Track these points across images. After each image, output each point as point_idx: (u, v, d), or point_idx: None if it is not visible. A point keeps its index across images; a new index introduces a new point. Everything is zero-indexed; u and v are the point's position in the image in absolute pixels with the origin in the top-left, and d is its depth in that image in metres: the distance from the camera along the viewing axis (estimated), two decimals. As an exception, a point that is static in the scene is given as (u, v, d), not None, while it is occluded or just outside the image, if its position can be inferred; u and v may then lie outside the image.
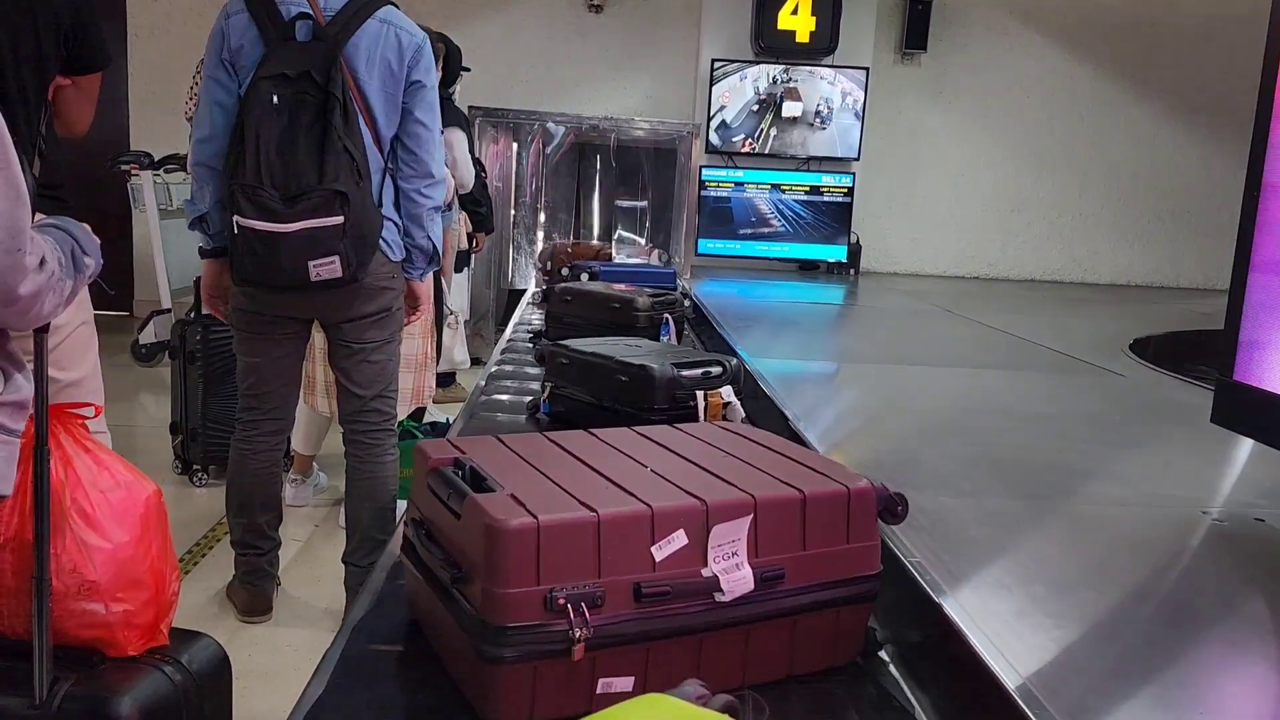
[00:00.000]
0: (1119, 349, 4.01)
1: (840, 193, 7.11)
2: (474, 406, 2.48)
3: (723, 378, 2.14)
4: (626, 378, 2.07)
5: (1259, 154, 1.68)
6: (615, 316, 2.95)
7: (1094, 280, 7.63)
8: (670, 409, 2.03)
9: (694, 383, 2.09)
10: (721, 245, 7.11)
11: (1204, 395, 3.07)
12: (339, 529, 3.50)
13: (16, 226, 1.01)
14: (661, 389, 2.04)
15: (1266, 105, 1.70)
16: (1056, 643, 1.29)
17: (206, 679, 1.59)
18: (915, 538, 1.58)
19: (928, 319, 5.02)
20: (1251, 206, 1.74)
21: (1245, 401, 1.74)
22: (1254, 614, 1.45)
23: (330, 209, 2.29)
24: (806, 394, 2.86)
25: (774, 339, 4.01)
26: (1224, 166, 7.42)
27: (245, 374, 2.72)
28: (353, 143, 2.34)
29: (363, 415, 2.68)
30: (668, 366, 2.06)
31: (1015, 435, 2.48)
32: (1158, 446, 2.55)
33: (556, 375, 2.27)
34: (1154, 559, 1.65)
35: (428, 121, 2.53)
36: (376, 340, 2.63)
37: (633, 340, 2.42)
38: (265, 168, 2.30)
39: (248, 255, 2.38)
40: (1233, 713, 1.18)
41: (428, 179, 2.54)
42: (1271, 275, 1.71)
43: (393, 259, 2.56)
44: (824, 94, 7.12)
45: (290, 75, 2.33)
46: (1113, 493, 2.02)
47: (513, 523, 1.03)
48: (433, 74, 2.56)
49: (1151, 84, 7.50)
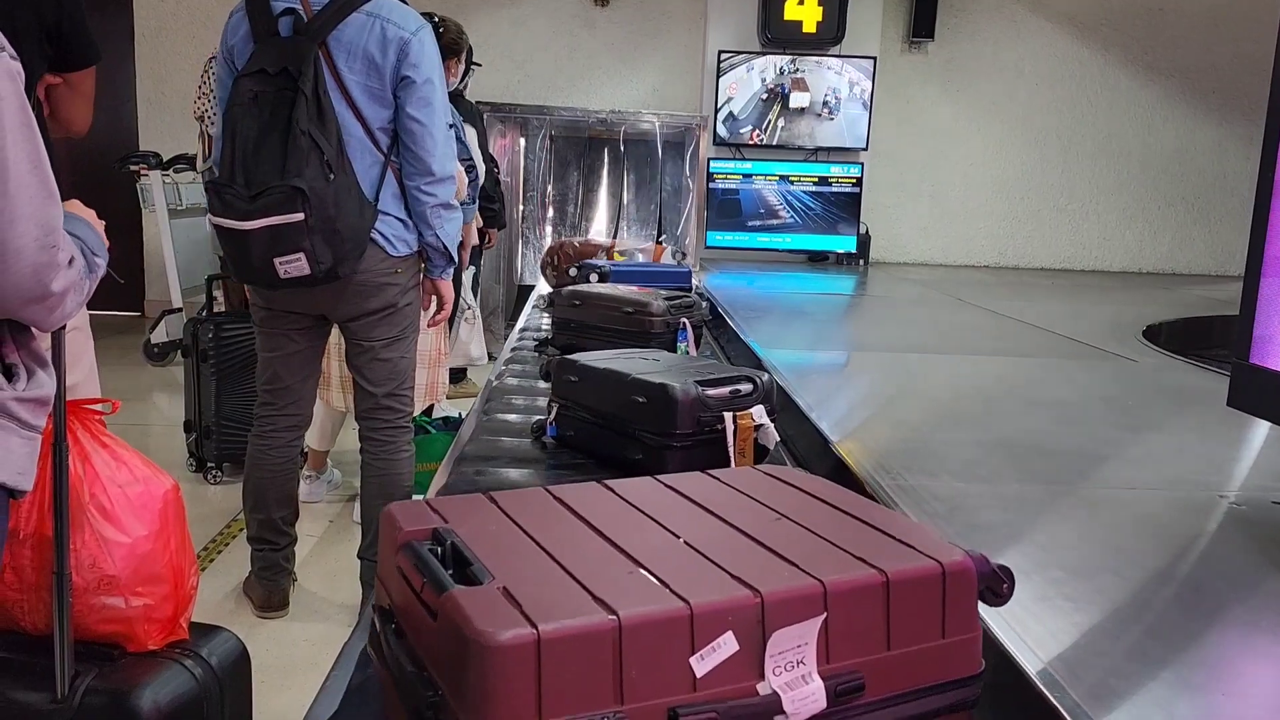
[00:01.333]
0: (1132, 335, 3.99)
1: (849, 183, 7.09)
2: (477, 429, 2.31)
3: (753, 396, 1.89)
4: (644, 398, 1.83)
5: (1274, 131, 1.67)
6: (628, 322, 2.78)
7: (1105, 267, 7.60)
8: (694, 433, 1.80)
9: (721, 403, 1.83)
10: (730, 237, 7.10)
11: (1218, 380, 3.07)
12: (354, 525, 3.51)
13: (50, 224, 1.01)
14: (685, 412, 1.79)
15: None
16: (1076, 626, 1.29)
17: (227, 673, 1.59)
18: (932, 524, 1.58)
19: (939, 308, 5.00)
20: (1266, 190, 1.72)
21: (1262, 385, 1.73)
22: (1273, 595, 1.44)
23: (290, 205, 2.26)
24: (819, 383, 2.85)
25: (785, 329, 4.00)
26: (1235, 151, 7.37)
27: (263, 369, 2.73)
28: (324, 137, 2.32)
29: (376, 412, 2.68)
30: (691, 385, 1.81)
31: (1030, 421, 2.47)
32: (1173, 431, 2.54)
33: (565, 393, 2.05)
34: (1172, 543, 1.64)
35: (421, 117, 2.49)
36: (385, 337, 2.63)
37: (649, 353, 2.20)
38: (240, 165, 2.31)
39: (227, 254, 2.44)
40: (1254, 693, 1.17)
41: (428, 176, 2.51)
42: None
43: (392, 254, 2.54)
44: (831, 84, 7.09)
45: (270, 71, 2.33)
46: (1129, 477, 2.02)
47: (504, 636, 0.78)
48: (426, 68, 2.49)
49: (1160, 69, 7.45)
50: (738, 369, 2.02)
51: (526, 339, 3.41)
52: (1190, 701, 1.13)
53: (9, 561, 1.47)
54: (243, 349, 3.90)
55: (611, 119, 7.27)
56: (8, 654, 1.49)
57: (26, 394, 1.10)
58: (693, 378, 1.86)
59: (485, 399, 2.61)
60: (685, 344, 2.77)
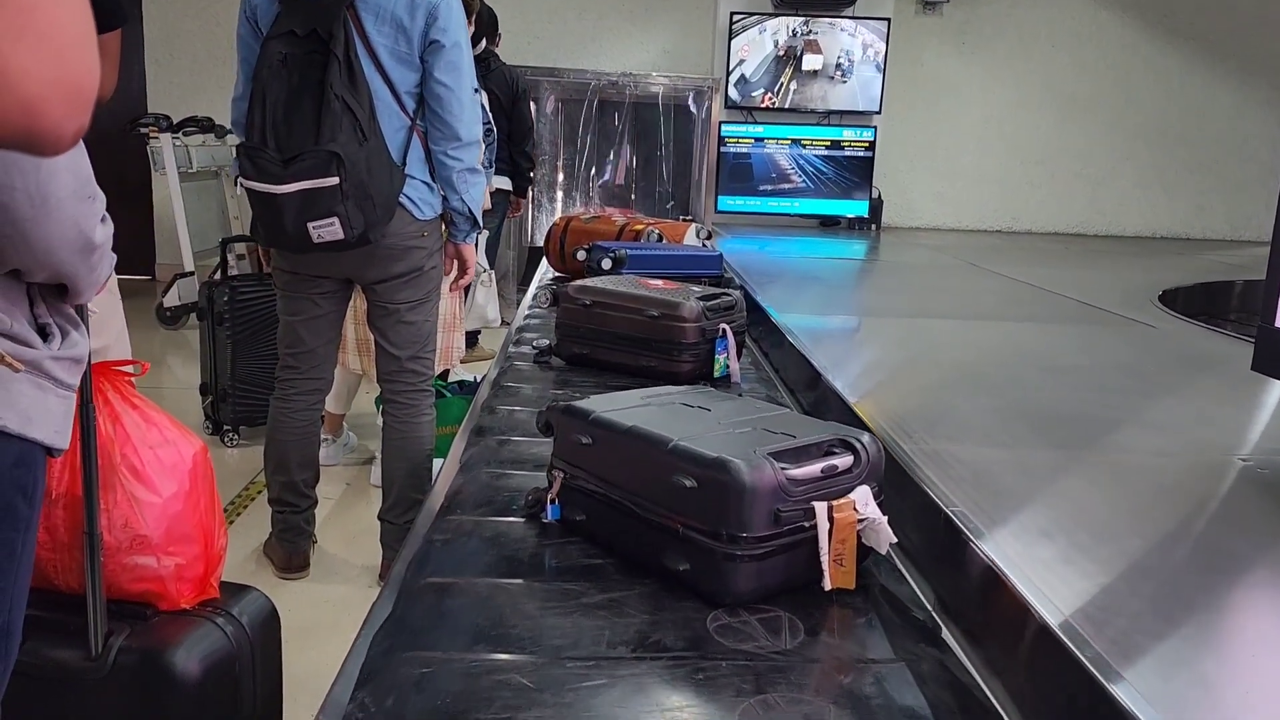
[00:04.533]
0: (1148, 300, 3.98)
1: (861, 147, 7.05)
2: (463, 482, 1.71)
3: (855, 473, 1.29)
4: (693, 480, 1.21)
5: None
6: (652, 330, 2.24)
7: (1119, 232, 7.56)
8: (771, 535, 1.20)
9: (809, 487, 1.23)
10: (742, 202, 7.07)
11: (1235, 345, 3.07)
12: (371, 487, 3.55)
13: (85, 173, 1.02)
14: (757, 504, 1.18)
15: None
16: (1098, 585, 1.29)
17: (257, 631, 1.62)
18: (955, 488, 1.59)
19: (953, 273, 4.98)
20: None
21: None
22: (1297, 557, 1.45)
23: (325, 170, 2.27)
24: (834, 347, 2.85)
25: (798, 294, 4.00)
26: (1254, 115, 7.30)
27: (285, 332, 2.75)
28: (357, 101, 2.31)
29: (400, 375, 2.70)
30: (764, 461, 1.20)
31: (1049, 387, 2.47)
32: (1192, 396, 2.53)
33: (572, 458, 1.42)
34: (1195, 505, 1.65)
35: (449, 81, 2.49)
36: (410, 300, 2.65)
37: (691, 393, 1.55)
38: (270, 129, 2.31)
39: (257, 217, 2.44)
40: (1277, 650, 1.18)
41: (454, 141, 2.52)
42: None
43: (419, 218, 2.56)
44: (845, 46, 7.03)
45: (299, 33, 2.32)
46: (1150, 442, 2.02)
47: None
48: (454, 33, 2.49)
49: (1180, 32, 7.36)
50: (825, 427, 1.39)
51: (524, 344, 2.64)
52: (1214, 657, 1.14)
53: (42, 521, 1.49)
54: (258, 312, 3.91)
55: (622, 81, 7.22)
56: (42, 612, 1.51)
57: (62, 353, 1.11)
58: (763, 445, 1.25)
59: (474, 430, 2.00)
60: (724, 355, 2.30)
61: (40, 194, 0.94)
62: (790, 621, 1.18)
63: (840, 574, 1.24)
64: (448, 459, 1.83)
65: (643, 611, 1.18)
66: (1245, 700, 1.03)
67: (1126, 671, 1.03)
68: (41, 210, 0.94)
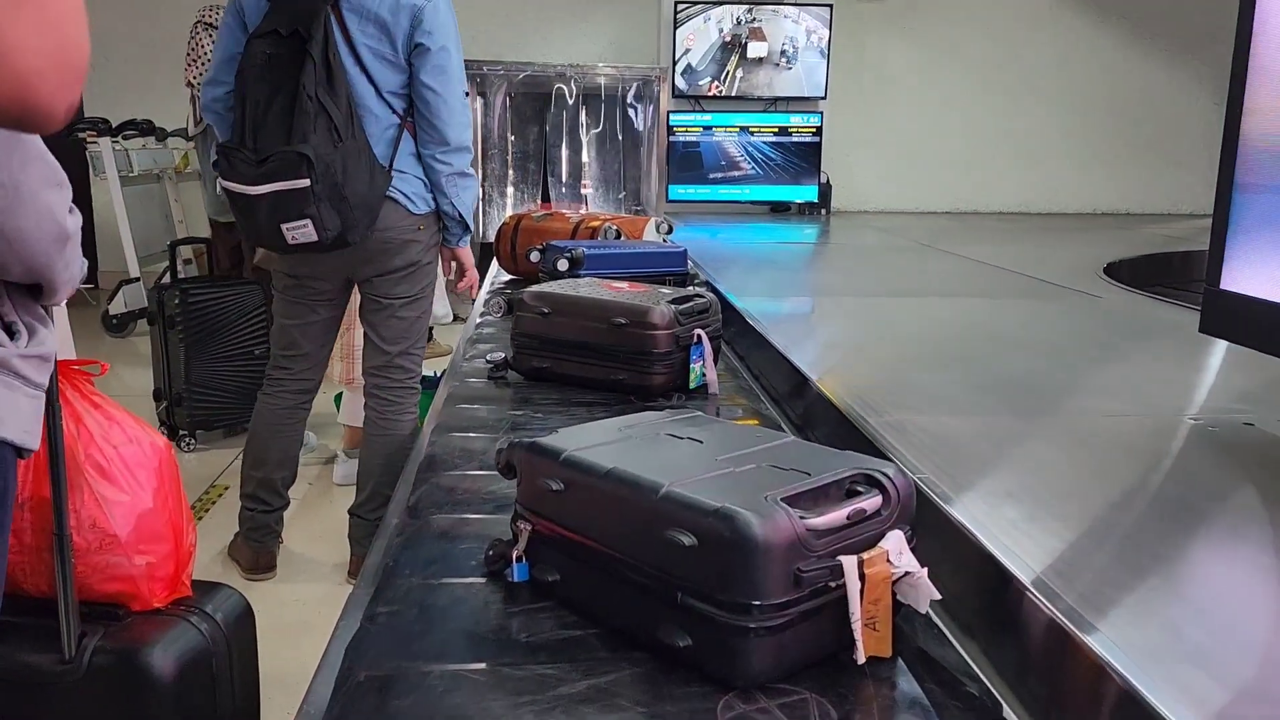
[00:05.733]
0: (1094, 273, 4.07)
1: (809, 133, 7.11)
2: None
3: (885, 515, 1.08)
4: (694, 537, 0.99)
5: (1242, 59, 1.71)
6: (620, 339, 2.03)
7: (1063, 210, 7.70)
8: (792, 601, 0.98)
9: (833, 538, 1.02)
10: (692, 190, 7.10)
11: (1179, 312, 3.15)
12: (335, 486, 3.52)
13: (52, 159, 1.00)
14: (773, 565, 0.97)
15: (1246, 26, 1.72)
16: (1065, 542, 1.34)
17: (233, 628, 1.60)
18: (921, 455, 1.62)
19: (904, 253, 5.06)
20: (1235, 122, 1.76)
21: (1232, 309, 1.78)
22: (1250, 508, 1.51)
23: (295, 171, 2.25)
24: (792, 327, 2.89)
25: (753, 278, 4.03)
26: (1189, 91, 7.47)
27: (280, 334, 2.75)
28: (334, 102, 2.30)
29: (387, 371, 2.70)
30: (778, 510, 0.98)
31: (1005, 357, 2.53)
32: (1141, 361, 2.61)
33: (542, 508, 1.19)
34: (1151, 464, 1.70)
35: (435, 85, 2.49)
36: (406, 295, 2.65)
37: (680, 419, 1.34)
38: (250, 130, 2.30)
39: (236, 217, 2.45)
40: (1238, 594, 1.23)
41: (443, 146, 2.53)
42: (1253, 191, 1.75)
43: (415, 212, 2.56)
44: (788, 33, 7.08)
45: (282, 33, 2.31)
46: (1106, 405, 2.07)
47: None
48: (441, 36, 2.49)
49: (1113, 10, 7.52)
50: (840, 458, 1.16)
51: (476, 358, 2.40)
52: (1180, 605, 1.18)
53: (7, 525, 1.47)
54: (211, 314, 3.87)
55: (570, 73, 7.20)
56: (12, 617, 1.49)
57: (30, 351, 1.09)
58: (774, 488, 1.03)
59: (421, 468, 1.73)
60: (700, 364, 2.10)
61: (13, 182, 0.92)
62: (819, 706, 0.97)
63: (874, 640, 1.03)
64: (391, 503, 1.62)
65: (638, 702, 0.96)
66: (1208, 641, 1.07)
67: (1099, 622, 1.06)
68: (15, 199, 0.93)
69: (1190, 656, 1.03)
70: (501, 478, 1.27)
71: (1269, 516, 1.45)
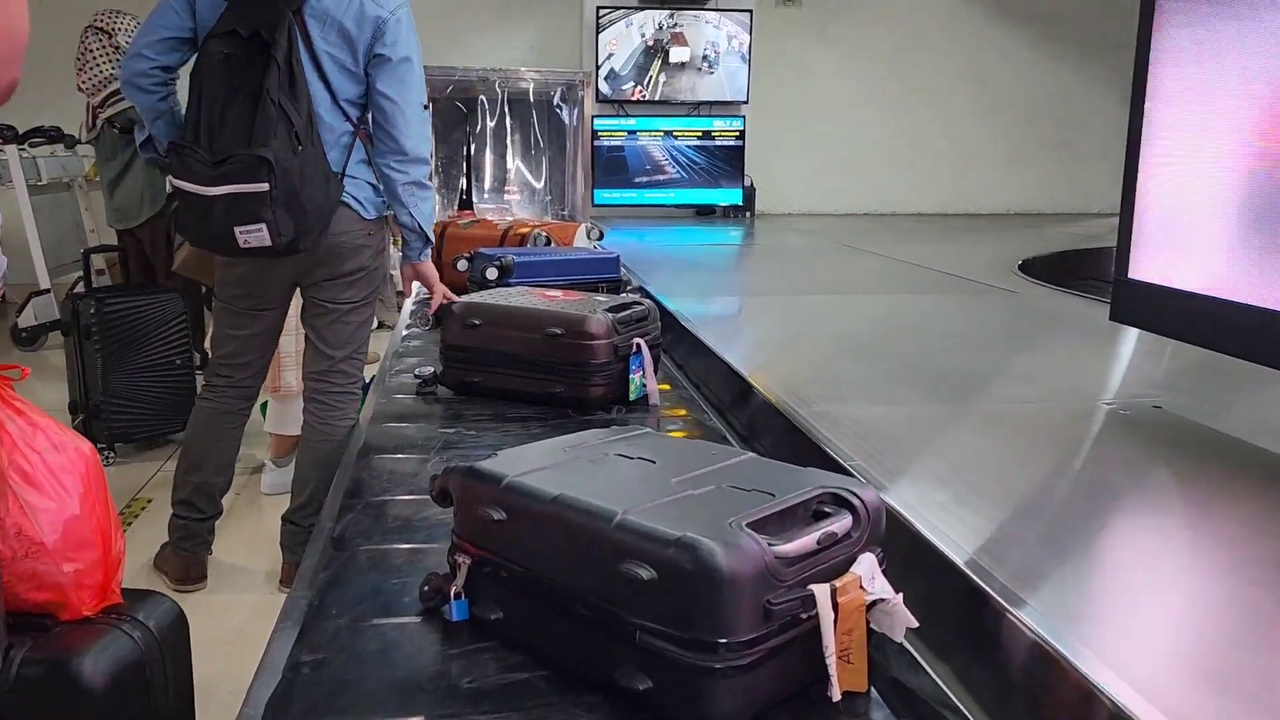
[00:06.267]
0: (1010, 270, 4.20)
1: (732, 136, 7.20)
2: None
3: (855, 538, 1.00)
4: (653, 571, 0.90)
5: (1143, 61, 1.79)
6: (557, 351, 1.95)
7: (979, 210, 7.92)
8: (761, 637, 0.90)
9: (804, 565, 0.94)
10: (618, 195, 7.14)
11: (1091, 305, 3.28)
12: (262, 496, 3.46)
13: None
14: (742, 599, 0.89)
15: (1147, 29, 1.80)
16: (993, 523, 1.38)
17: (166, 636, 1.57)
18: (852, 444, 1.67)
19: (828, 254, 5.15)
20: (1137, 129, 1.84)
21: (1139, 297, 1.87)
22: (1163, 486, 1.58)
23: (254, 174, 2.23)
24: (721, 326, 2.93)
25: (681, 279, 4.07)
26: (1095, 94, 7.74)
27: (223, 342, 2.69)
28: (295, 108, 2.29)
29: (330, 376, 2.66)
30: (742, 535, 0.90)
31: (928, 350, 2.60)
32: (1057, 351, 2.70)
33: (483, 541, 1.09)
34: (1069, 447, 1.77)
35: (393, 95, 2.48)
36: (354, 300, 2.62)
37: (628, 438, 1.23)
38: (205, 129, 2.27)
39: (185, 216, 2.40)
40: (1158, 565, 1.29)
41: (399, 155, 2.51)
42: (1156, 185, 1.83)
43: (366, 217, 2.54)
44: (710, 38, 7.17)
45: (242, 34, 2.28)
46: (1025, 393, 2.15)
47: None
48: (403, 47, 2.47)
49: (1024, 15, 7.76)
50: (802, 476, 1.08)
51: (403, 373, 2.31)
52: (1103, 578, 1.24)
53: (-73, 536, 1.42)
54: (129, 323, 3.77)
55: (493, 77, 7.18)
56: (-67, 631, 1.44)
57: None
58: (737, 512, 0.95)
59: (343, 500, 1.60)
60: (640, 374, 2.02)
61: None
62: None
63: (849, 674, 0.95)
64: (315, 531, 1.51)
65: (593, 752, 0.88)
66: (1129, 608, 1.12)
67: (1030, 597, 1.11)
68: None
69: (1109, 622, 1.08)
70: (433, 502, 1.17)
71: (1180, 492, 1.53)
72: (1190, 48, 1.70)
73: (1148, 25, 1.78)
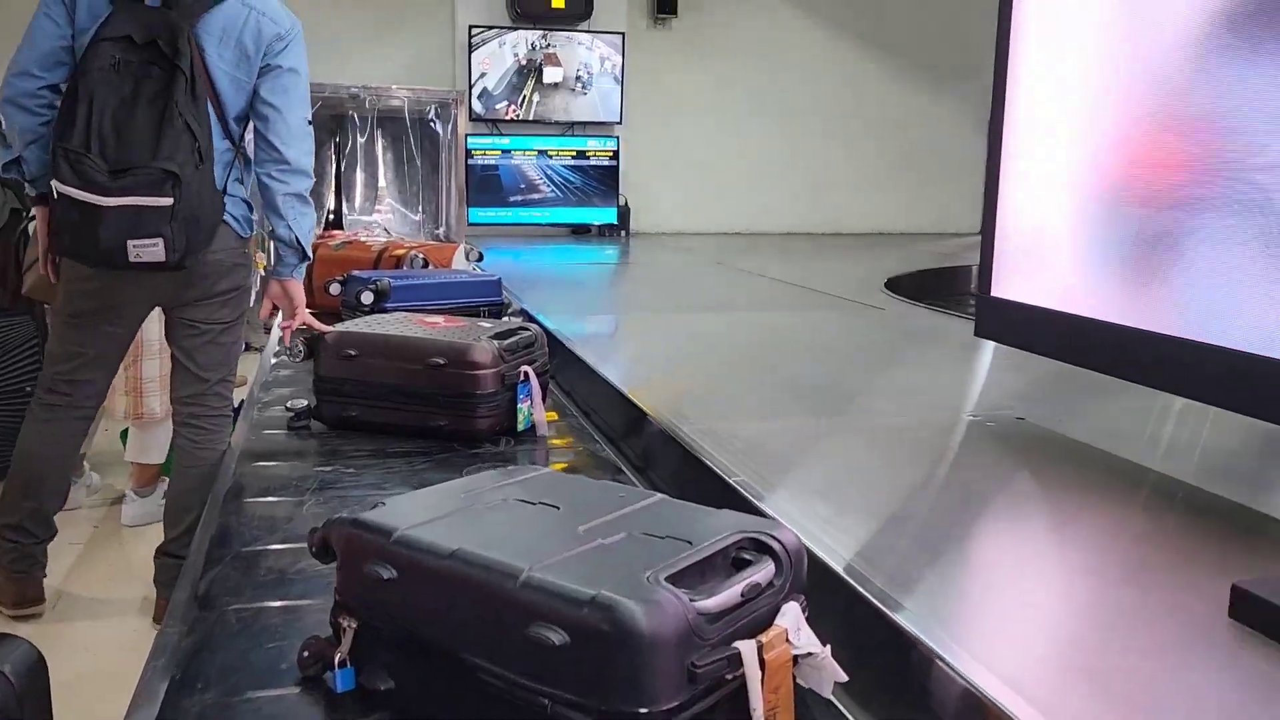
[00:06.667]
0: (877, 287, 4.37)
1: (606, 156, 7.26)
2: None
3: (779, 586, 0.94)
4: (566, 632, 0.82)
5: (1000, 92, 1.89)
6: (440, 382, 1.86)
7: (846, 230, 8.17)
8: (683, 705, 0.83)
9: (725, 621, 0.86)
10: (493, 214, 7.10)
11: (953, 320, 3.43)
12: (123, 529, 3.30)
13: None
14: (664, 660, 0.81)
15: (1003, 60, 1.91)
16: (869, 530, 1.44)
17: (24, 681, 1.48)
18: (736, 459, 1.70)
19: (702, 272, 5.24)
20: (995, 154, 1.94)
21: (1002, 314, 1.96)
22: (1025, 492, 1.67)
23: (159, 188, 2.16)
24: (601, 344, 2.96)
25: (558, 297, 4.08)
26: (951, 120, 8.09)
27: (64, 359, 2.54)
28: (197, 122, 2.23)
29: (204, 399, 2.55)
30: (662, 591, 0.83)
31: (803, 366, 2.68)
32: (925, 365, 2.82)
33: (370, 600, 0.99)
34: (937, 456, 1.86)
35: (277, 103, 2.44)
36: (227, 321, 2.53)
37: (529, 481, 1.13)
38: (96, 135, 2.17)
39: (65, 225, 2.24)
40: (1019, 564, 1.37)
41: (280, 164, 2.44)
42: (1015, 206, 1.93)
43: (242, 235, 2.48)
44: (583, 59, 7.22)
45: (136, 41, 2.20)
46: (896, 406, 2.24)
47: None
48: (292, 60, 2.45)
49: (880, 42, 8.07)
50: (718, 520, 1.01)
51: (274, 406, 2.16)
52: (969, 576, 1.31)
53: None
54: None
55: (363, 95, 7.05)
56: None
57: None
58: (654, 565, 0.87)
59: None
60: (528, 404, 1.95)
61: None
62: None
63: None
64: (176, 586, 1.37)
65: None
66: (996, 605, 1.19)
67: (905, 600, 1.16)
68: None
69: (980, 620, 1.13)
70: (307, 551, 1.05)
71: (1044, 498, 1.62)
72: (1045, 75, 1.81)
73: (1004, 51, 1.89)
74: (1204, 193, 1.42)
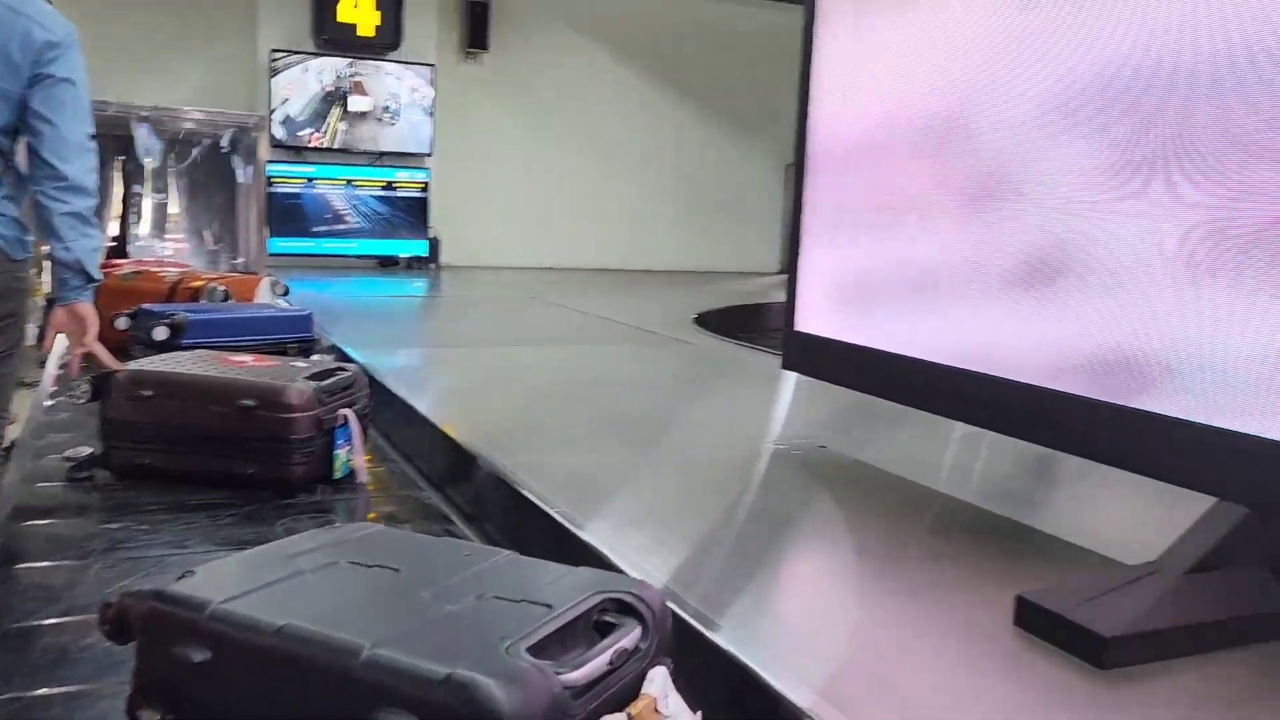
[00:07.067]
0: (686, 322, 4.50)
1: (416, 188, 7.17)
2: None
3: (644, 649, 0.87)
4: (417, 717, 0.72)
5: (803, 140, 2.01)
6: (250, 425, 1.70)
7: (655, 266, 8.37)
8: None
9: (594, 693, 0.79)
10: (295, 244, 6.87)
11: (758, 355, 3.58)
12: None
13: None
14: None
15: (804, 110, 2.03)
16: (682, 557, 1.49)
17: None
18: (557, 492, 1.72)
19: (515, 306, 5.25)
20: (799, 199, 2.06)
21: (805, 347, 2.07)
22: (826, 514, 1.77)
23: None
24: (412, 376, 2.91)
25: (366, 330, 3.99)
26: (754, 165, 8.47)
27: None
28: None
29: None
30: (524, 665, 0.75)
31: (617, 398, 2.73)
32: (733, 397, 2.93)
33: (178, 690, 0.85)
34: (745, 483, 1.93)
35: (52, 117, 2.24)
36: (2, 350, 2.30)
37: (362, 540, 1.02)
38: None
39: None
40: (823, 584, 1.44)
41: (57, 182, 2.25)
42: (813, 252, 2.05)
43: (14, 257, 2.25)
44: (391, 89, 7.12)
45: None
46: (704, 437, 2.31)
47: None
48: (66, 69, 2.25)
49: (686, 88, 8.37)
50: (574, 578, 0.92)
51: (50, 455, 1.91)
52: (779, 593, 1.38)
53: None
54: None
55: (154, 115, 6.68)
56: None
57: None
58: (513, 634, 0.78)
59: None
60: (347, 449, 1.83)
61: None
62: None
63: None
64: None
65: None
66: (804, 619, 1.25)
67: (720, 619, 1.20)
68: None
69: (789, 635, 1.19)
70: (96, 631, 0.87)
71: (846, 521, 1.71)
72: (838, 126, 1.94)
73: (805, 101, 2.01)
74: (969, 244, 1.55)
